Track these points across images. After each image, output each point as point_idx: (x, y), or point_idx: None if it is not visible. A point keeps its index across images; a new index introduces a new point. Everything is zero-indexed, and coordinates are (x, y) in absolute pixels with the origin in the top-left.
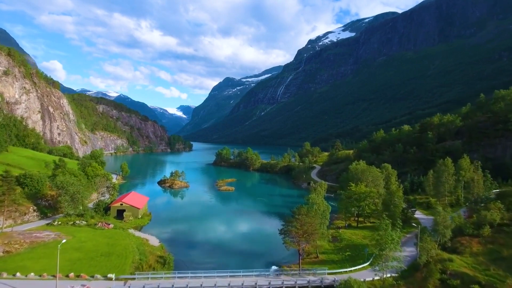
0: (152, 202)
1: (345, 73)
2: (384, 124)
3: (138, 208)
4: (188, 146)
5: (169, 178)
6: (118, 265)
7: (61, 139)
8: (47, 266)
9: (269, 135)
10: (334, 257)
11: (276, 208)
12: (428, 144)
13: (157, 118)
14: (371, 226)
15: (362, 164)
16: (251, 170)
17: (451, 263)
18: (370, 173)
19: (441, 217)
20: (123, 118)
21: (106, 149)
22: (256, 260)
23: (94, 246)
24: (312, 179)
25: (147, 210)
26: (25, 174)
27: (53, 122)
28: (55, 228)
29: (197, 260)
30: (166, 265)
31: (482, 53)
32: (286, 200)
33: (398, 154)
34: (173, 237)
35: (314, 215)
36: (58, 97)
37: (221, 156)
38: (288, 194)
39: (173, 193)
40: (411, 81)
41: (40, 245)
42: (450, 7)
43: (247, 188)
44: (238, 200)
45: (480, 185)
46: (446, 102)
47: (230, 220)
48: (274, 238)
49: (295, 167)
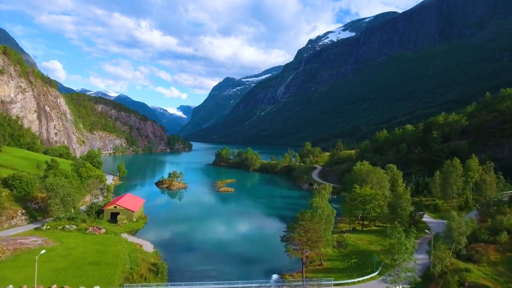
0: (149, 204)
1: (345, 73)
2: (384, 124)
3: (133, 211)
4: (187, 146)
5: (167, 179)
6: (106, 275)
7: (58, 139)
8: (30, 276)
9: (269, 135)
10: (339, 264)
11: (277, 211)
12: (433, 144)
13: (157, 118)
14: (377, 230)
15: (366, 165)
16: (251, 171)
17: (468, 273)
18: (375, 174)
19: (455, 222)
20: (122, 118)
21: (105, 149)
22: (256, 267)
23: (82, 254)
24: (313, 180)
25: (142, 213)
26: (13, 175)
27: (50, 121)
28: (43, 233)
29: (193, 267)
30: (159, 275)
31: (482, 53)
32: (287, 201)
33: (402, 154)
34: (168, 241)
35: (319, 221)
36: (55, 97)
37: (221, 156)
38: (289, 196)
39: (170, 194)
40: (412, 81)
41: (24, 252)
42: (451, 7)
43: (247, 189)
44: (237, 202)
45: (493, 187)
46: (447, 102)
47: (229, 223)
48: (275, 243)
49: (295, 167)
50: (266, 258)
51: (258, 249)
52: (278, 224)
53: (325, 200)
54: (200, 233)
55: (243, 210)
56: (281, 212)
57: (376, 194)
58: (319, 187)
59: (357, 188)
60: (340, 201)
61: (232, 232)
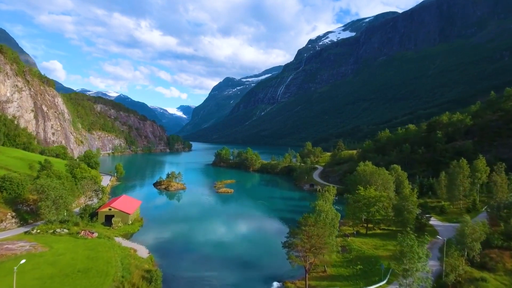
0: (146, 206)
1: (345, 73)
2: (385, 124)
3: (128, 213)
4: (187, 146)
5: (165, 179)
6: (95, 285)
7: (55, 139)
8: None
9: (269, 135)
10: (344, 271)
11: (278, 213)
12: (437, 144)
13: (157, 118)
14: (382, 234)
15: (370, 166)
16: (251, 171)
17: (485, 283)
18: (379, 175)
19: (469, 228)
20: (121, 118)
21: (104, 149)
22: (256, 273)
23: (72, 260)
24: (314, 181)
25: (139, 215)
26: (3, 176)
27: (47, 121)
28: (33, 237)
29: (190, 273)
30: (153, 283)
31: (483, 52)
32: (288, 203)
33: (405, 154)
34: (165, 246)
35: (323, 226)
36: (52, 96)
37: (220, 157)
38: (290, 197)
39: (168, 195)
40: (412, 81)
41: (10, 259)
42: (451, 7)
43: (247, 190)
44: (237, 203)
45: (504, 188)
46: (448, 101)
47: (228, 226)
48: (276, 247)
49: (296, 168)
50: (266, 263)
51: (259, 253)
52: (279, 226)
53: (329, 203)
54: (198, 236)
55: (242, 211)
56: (282, 214)
57: (381, 196)
58: (322, 189)
59: (361, 190)
60: (342, 202)
61: (231, 235)
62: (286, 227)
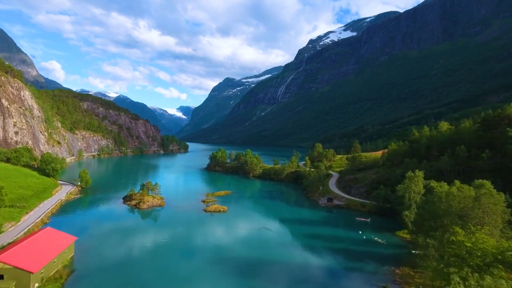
0: (93, 241)
1: (346, 73)
2: (391, 124)
3: (31, 271)
4: (183, 147)
5: (138, 192)
6: None
7: (19, 139)
8: None
9: (269, 135)
10: None
11: (289, 249)
12: (508, 146)
13: (157, 118)
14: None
15: (445, 186)
16: (251, 177)
17: None
18: (480, 203)
19: None
20: (111, 117)
21: (88, 151)
22: None
23: None
24: (332, 192)
25: (67, 262)
26: None
27: (8, 118)
28: None
29: None
30: None
31: (487, 51)
32: (305, 231)
33: (460, 160)
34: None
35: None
36: (17, 89)
37: (216, 160)
38: (305, 219)
39: (136, 217)
40: (416, 80)
41: None
42: (454, 5)
43: (245, 205)
44: (230, 232)
45: None
46: (456, 101)
47: (212, 281)
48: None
49: (305, 174)
50: None
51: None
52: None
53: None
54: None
55: (236, 252)
56: (296, 254)
57: (503, 249)
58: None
59: (460, 234)
60: (382, 227)
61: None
62: None
